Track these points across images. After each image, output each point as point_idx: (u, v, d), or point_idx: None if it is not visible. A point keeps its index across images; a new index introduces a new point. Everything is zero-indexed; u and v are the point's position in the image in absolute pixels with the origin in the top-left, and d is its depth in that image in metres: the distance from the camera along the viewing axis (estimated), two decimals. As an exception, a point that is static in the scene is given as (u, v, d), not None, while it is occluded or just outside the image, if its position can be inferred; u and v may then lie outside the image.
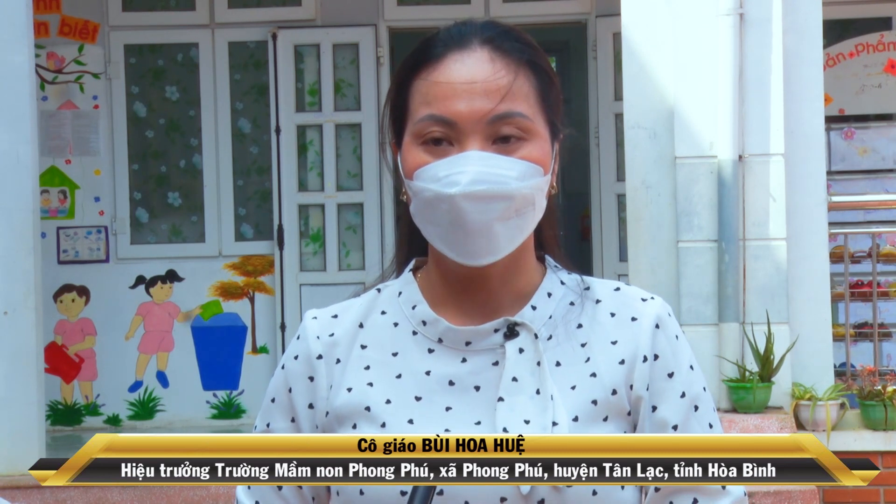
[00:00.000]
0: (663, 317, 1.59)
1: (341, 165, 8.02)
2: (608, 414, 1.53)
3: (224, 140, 7.99)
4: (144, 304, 7.98)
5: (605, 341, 1.57)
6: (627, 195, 5.92)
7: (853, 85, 7.86)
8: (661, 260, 5.77)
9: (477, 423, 1.51)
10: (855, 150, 7.74)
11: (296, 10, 7.98)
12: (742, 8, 5.65)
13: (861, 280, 6.73)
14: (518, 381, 1.52)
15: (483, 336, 1.56)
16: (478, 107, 1.50)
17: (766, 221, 5.67)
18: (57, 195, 7.93)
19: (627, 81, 5.85)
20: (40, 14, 7.66)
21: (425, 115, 1.52)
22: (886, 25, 8.04)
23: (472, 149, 1.50)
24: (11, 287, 5.82)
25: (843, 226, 6.48)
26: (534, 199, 1.52)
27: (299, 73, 8.00)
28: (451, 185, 1.48)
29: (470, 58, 1.53)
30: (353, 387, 1.57)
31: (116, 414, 7.93)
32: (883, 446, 5.68)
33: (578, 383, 1.54)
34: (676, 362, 1.57)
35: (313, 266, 7.98)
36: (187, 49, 8.04)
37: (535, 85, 1.55)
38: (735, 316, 5.63)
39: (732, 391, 5.57)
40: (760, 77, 5.66)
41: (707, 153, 5.69)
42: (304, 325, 1.64)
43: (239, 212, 8.04)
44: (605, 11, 7.67)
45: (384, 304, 1.62)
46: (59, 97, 7.93)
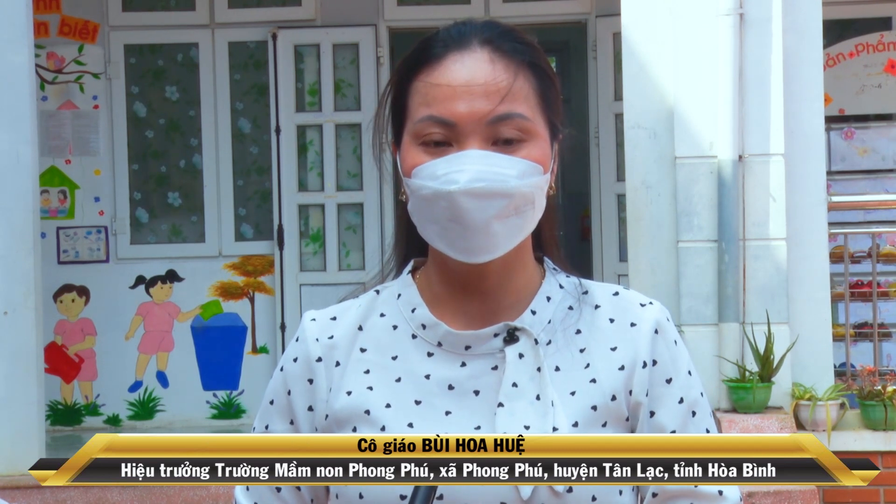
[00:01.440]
0: (662, 322, 1.58)
1: (341, 165, 8.02)
2: (607, 420, 1.53)
3: (224, 140, 7.99)
4: (144, 304, 7.97)
5: (604, 347, 1.57)
6: (627, 195, 5.92)
7: (853, 85, 7.86)
8: (661, 260, 5.77)
9: (477, 427, 1.51)
10: (855, 150, 7.74)
11: (296, 10, 7.98)
12: (742, 8, 5.65)
13: (861, 280, 6.73)
14: (518, 387, 1.52)
15: (483, 340, 1.55)
16: (477, 108, 1.50)
17: (766, 221, 5.67)
18: (57, 195, 7.93)
19: (627, 81, 5.85)
20: (40, 14, 7.66)
21: (425, 116, 1.52)
22: (886, 25, 8.04)
23: (471, 149, 1.49)
24: (11, 287, 5.82)
25: (843, 226, 6.48)
26: (533, 197, 1.52)
27: (299, 73, 8.00)
28: (450, 182, 1.48)
29: (470, 58, 1.52)
30: (352, 390, 1.56)
31: (116, 414, 7.93)
32: (883, 446, 5.68)
33: (578, 389, 1.54)
34: (675, 368, 1.57)
35: (313, 266, 7.98)
36: (187, 49, 8.04)
37: (535, 86, 1.54)
38: (735, 316, 5.63)
39: (732, 391, 5.57)
40: (760, 77, 5.66)
41: (707, 153, 5.69)
42: (302, 327, 1.63)
43: (239, 212, 8.03)
44: (605, 11, 7.67)
45: (383, 307, 1.62)
46: (59, 97, 7.93)
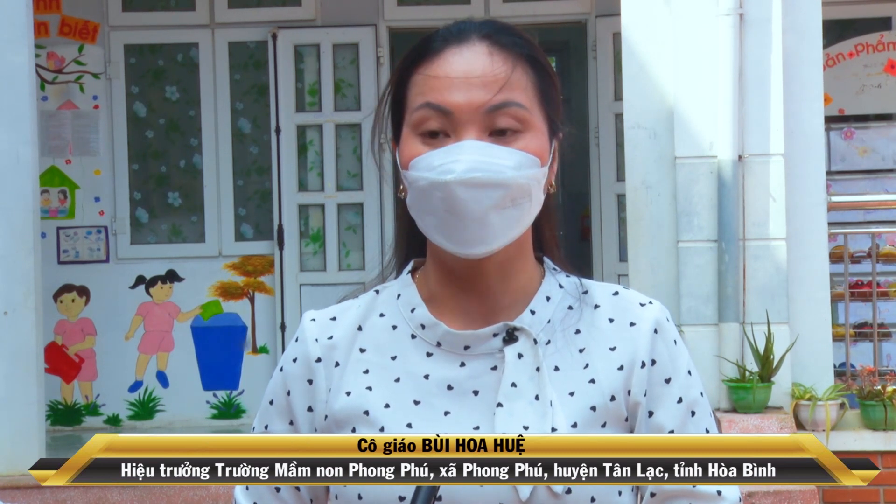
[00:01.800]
0: (662, 321, 1.58)
1: (341, 165, 8.02)
2: (606, 420, 1.53)
3: (224, 140, 7.99)
4: (144, 304, 7.97)
5: (603, 347, 1.56)
6: (627, 195, 5.92)
7: (853, 85, 7.86)
8: (661, 260, 5.77)
9: (476, 427, 1.51)
10: (855, 150, 7.74)
11: (296, 10, 7.98)
12: (742, 8, 5.65)
13: (861, 280, 6.72)
14: (517, 387, 1.52)
15: (482, 340, 1.55)
16: (475, 97, 1.50)
17: (765, 221, 5.67)
18: (57, 195, 7.93)
19: (627, 81, 5.85)
20: (40, 14, 7.66)
21: (422, 104, 1.52)
22: (886, 25, 8.04)
23: (468, 139, 1.50)
24: (11, 287, 5.82)
25: (843, 226, 6.48)
26: (530, 189, 1.51)
27: (299, 73, 8.00)
28: (446, 172, 1.47)
29: (468, 51, 1.53)
30: (352, 390, 1.56)
31: (116, 414, 7.93)
32: (883, 446, 5.68)
33: (577, 389, 1.53)
34: (674, 367, 1.57)
35: (313, 266, 7.98)
36: (187, 49, 8.04)
37: (533, 79, 1.55)
38: (735, 316, 5.63)
39: (732, 391, 5.57)
40: (760, 77, 5.66)
41: (707, 153, 5.69)
42: (302, 328, 1.63)
43: (239, 212, 8.03)
44: (605, 11, 7.67)
45: (382, 307, 1.62)
46: (59, 97, 7.93)
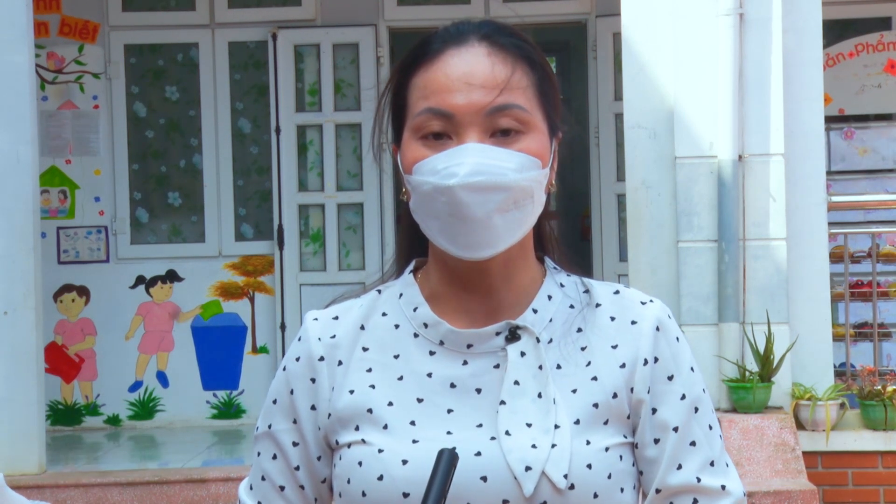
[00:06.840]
0: (663, 319, 1.59)
1: (341, 165, 8.02)
2: (609, 417, 1.54)
3: (224, 140, 7.99)
4: (144, 304, 7.97)
5: (605, 345, 1.57)
6: (627, 195, 5.92)
7: (853, 85, 7.86)
8: (661, 260, 5.77)
9: (478, 425, 1.51)
10: (855, 150, 7.74)
11: (296, 10, 7.98)
12: (742, 8, 5.65)
13: (861, 280, 6.72)
14: (520, 385, 1.52)
15: (484, 339, 1.56)
16: (476, 99, 1.51)
17: (766, 221, 5.67)
18: (57, 195, 7.93)
19: (627, 81, 5.85)
20: (40, 14, 7.66)
21: (423, 109, 1.53)
22: (886, 25, 8.04)
23: (470, 141, 1.50)
24: (11, 287, 5.82)
25: (843, 226, 6.48)
26: (532, 191, 1.52)
27: (299, 73, 8.00)
28: (449, 176, 1.48)
29: (468, 53, 1.54)
30: (355, 389, 1.57)
31: (116, 414, 7.93)
32: (883, 446, 5.68)
33: (579, 387, 1.54)
34: (677, 365, 1.58)
35: (313, 266, 7.98)
36: (187, 49, 8.04)
37: (533, 80, 1.55)
38: (735, 316, 5.63)
39: (732, 391, 5.57)
40: (760, 77, 5.66)
41: (707, 153, 5.69)
42: (305, 327, 1.64)
43: (239, 212, 8.04)
44: (605, 11, 7.67)
45: (385, 306, 1.62)
46: (59, 97, 7.93)
